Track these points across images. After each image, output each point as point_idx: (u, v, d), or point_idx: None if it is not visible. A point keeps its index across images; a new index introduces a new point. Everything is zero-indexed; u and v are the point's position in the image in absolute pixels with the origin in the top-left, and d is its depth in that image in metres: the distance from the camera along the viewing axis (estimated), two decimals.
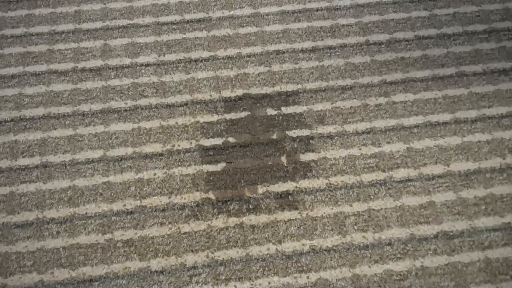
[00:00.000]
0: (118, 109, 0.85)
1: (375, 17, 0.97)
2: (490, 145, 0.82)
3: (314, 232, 0.73)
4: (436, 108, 0.86)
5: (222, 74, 0.89)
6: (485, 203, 0.76)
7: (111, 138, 0.82)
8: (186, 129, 0.83)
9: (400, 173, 0.79)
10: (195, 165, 0.79)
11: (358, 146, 0.81)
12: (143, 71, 0.90)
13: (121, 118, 0.84)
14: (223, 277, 0.69)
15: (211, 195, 0.76)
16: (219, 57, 0.92)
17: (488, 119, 0.84)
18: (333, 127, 0.83)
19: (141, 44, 0.93)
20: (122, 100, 0.86)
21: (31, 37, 0.94)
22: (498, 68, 0.90)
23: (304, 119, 0.84)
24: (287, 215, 0.75)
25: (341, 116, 0.84)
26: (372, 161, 0.80)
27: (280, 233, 0.73)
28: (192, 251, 0.71)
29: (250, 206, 0.75)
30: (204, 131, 0.82)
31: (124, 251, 0.71)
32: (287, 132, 0.83)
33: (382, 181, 0.78)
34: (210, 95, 0.87)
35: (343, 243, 0.72)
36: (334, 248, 0.72)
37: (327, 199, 0.76)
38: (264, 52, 0.92)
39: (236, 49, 0.93)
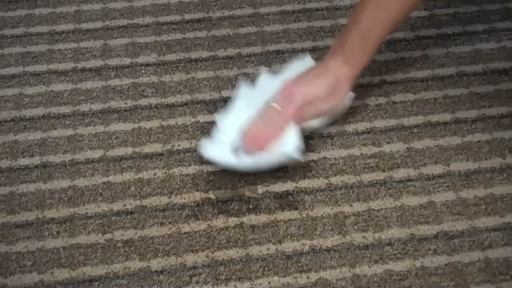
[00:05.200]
0: (118, 109, 0.85)
1: None
2: (490, 145, 0.82)
3: (314, 232, 0.73)
4: (436, 108, 0.86)
5: (222, 74, 0.89)
6: (485, 203, 0.76)
7: (111, 138, 0.82)
8: (186, 129, 0.83)
9: (400, 173, 0.79)
10: (195, 165, 0.79)
11: (358, 146, 0.81)
12: (143, 71, 0.90)
13: (121, 118, 0.84)
14: (223, 277, 0.69)
15: (211, 195, 0.76)
16: (219, 57, 0.92)
17: (488, 119, 0.84)
18: (333, 127, 0.83)
19: (141, 44, 0.93)
20: (122, 100, 0.86)
21: (31, 37, 0.94)
22: (498, 68, 0.90)
23: None
24: (287, 215, 0.75)
25: (341, 116, 0.84)
26: (372, 161, 0.80)
27: (280, 233, 0.73)
28: (192, 251, 0.71)
29: (250, 206, 0.75)
30: (204, 131, 0.82)
31: (124, 251, 0.71)
32: None
33: (382, 181, 0.78)
34: (210, 95, 0.87)
35: (343, 243, 0.72)
36: (334, 248, 0.72)
37: (327, 199, 0.76)
38: (264, 52, 0.92)
39: (236, 49, 0.93)
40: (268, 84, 0.81)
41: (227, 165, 0.76)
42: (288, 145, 0.74)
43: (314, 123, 0.79)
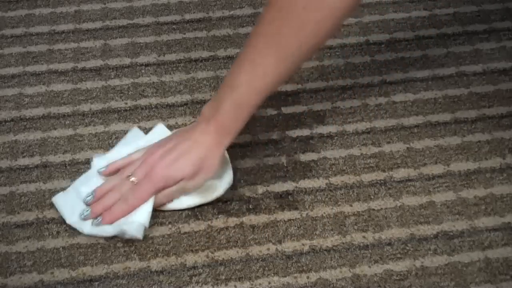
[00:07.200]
0: (118, 109, 0.85)
1: (375, 17, 0.97)
2: (490, 145, 0.82)
3: (314, 232, 0.73)
4: (436, 108, 0.86)
5: (222, 74, 0.89)
6: (485, 203, 0.76)
7: (111, 138, 0.82)
8: None
9: (400, 173, 0.79)
10: None
11: (358, 146, 0.81)
12: (143, 71, 0.90)
13: (121, 118, 0.84)
14: (223, 277, 0.69)
15: None
16: (219, 57, 0.92)
17: (488, 119, 0.84)
18: (333, 127, 0.83)
19: (141, 44, 0.93)
20: (122, 100, 0.86)
21: (31, 37, 0.94)
22: (498, 68, 0.90)
23: (304, 119, 0.84)
24: (287, 215, 0.75)
25: (341, 116, 0.84)
26: (372, 161, 0.80)
27: (280, 233, 0.73)
28: (192, 251, 0.71)
29: (250, 206, 0.75)
30: None
31: (124, 251, 0.71)
32: (287, 132, 0.83)
33: (382, 181, 0.78)
34: (210, 95, 0.87)
35: (343, 243, 0.72)
36: (334, 248, 0.72)
37: (327, 199, 0.76)
38: None
39: (236, 49, 0.93)
40: (158, 138, 0.76)
41: (70, 223, 0.72)
42: (132, 223, 0.70)
43: (184, 203, 0.74)
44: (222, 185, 0.75)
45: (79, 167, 0.79)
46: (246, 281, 0.69)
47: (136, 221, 0.70)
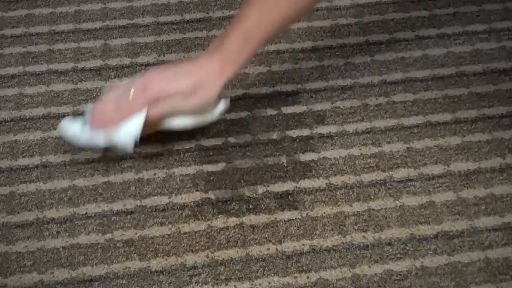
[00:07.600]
0: None
1: (375, 17, 0.97)
2: (490, 145, 0.82)
3: (314, 232, 0.73)
4: (436, 108, 0.86)
5: None
6: (485, 203, 0.76)
7: None
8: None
9: (400, 173, 0.79)
10: (195, 165, 0.79)
11: (358, 146, 0.81)
12: (143, 71, 0.90)
13: None
14: (223, 277, 0.69)
15: (211, 195, 0.76)
16: None
17: (488, 119, 0.84)
18: (333, 127, 0.83)
19: (141, 44, 0.93)
20: None
21: (31, 37, 0.94)
22: (498, 68, 0.90)
23: (304, 119, 0.84)
24: (287, 215, 0.75)
25: (341, 116, 0.84)
26: (372, 161, 0.80)
27: (280, 233, 0.73)
28: (192, 251, 0.71)
29: (250, 206, 0.75)
30: (204, 131, 0.82)
31: (124, 251, 0.71)
32: (287, 132, 0.83)
33: (382, 181, 0.78)
34: None
35: (343, 243, 0.72)
36: (334, 248, 0.72)
37: (327, 199, 0.76)
38: (264, 52, 0.92)
39: None
40: None
41: (66, 137, 0.76)
42: (122, 132, 0.72)
43: (176, 122, 0.74)
44: (217, 110, 0.75)
45: (79, 167, 0.79)
46: (246, 281, 0.69)
47: (126, 129, 0.71)
